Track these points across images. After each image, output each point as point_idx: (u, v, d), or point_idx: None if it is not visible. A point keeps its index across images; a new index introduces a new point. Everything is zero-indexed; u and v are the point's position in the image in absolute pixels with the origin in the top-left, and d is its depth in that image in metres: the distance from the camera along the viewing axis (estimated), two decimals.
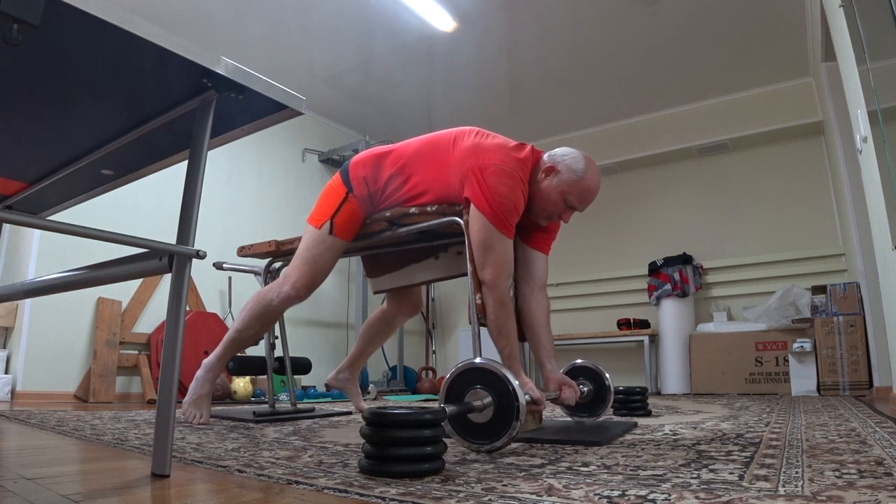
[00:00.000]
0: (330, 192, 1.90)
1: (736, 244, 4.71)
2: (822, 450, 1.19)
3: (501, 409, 1.23)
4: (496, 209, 1.59)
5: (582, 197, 1.68)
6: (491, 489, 0.85)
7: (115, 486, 0.90)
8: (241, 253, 2.34)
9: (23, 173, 1.43)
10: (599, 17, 3.79)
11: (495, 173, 1.61)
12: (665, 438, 1.46)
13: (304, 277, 1.85)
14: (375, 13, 3.74)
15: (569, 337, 4.93)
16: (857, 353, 3.55)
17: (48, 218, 1.61)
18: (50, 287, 1.41)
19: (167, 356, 1.00)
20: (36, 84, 1.00)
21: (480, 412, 1.25)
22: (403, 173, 1.80)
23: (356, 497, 0.81)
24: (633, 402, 2.20)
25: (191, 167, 1.06)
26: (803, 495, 0.77)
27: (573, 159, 1.68)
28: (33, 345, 3.25)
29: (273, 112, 1.13)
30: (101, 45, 0.88)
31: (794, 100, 4.50)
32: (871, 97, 1.99)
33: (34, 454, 1.26)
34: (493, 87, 4.73)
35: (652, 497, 0.77)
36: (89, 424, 1.90)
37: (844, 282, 3.79)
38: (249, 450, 1.32)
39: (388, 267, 2.18)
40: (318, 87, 4.66)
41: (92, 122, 1.16)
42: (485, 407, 1.24)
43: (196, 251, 1.03)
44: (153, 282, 3.79)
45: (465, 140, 1.72)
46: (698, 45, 4.10)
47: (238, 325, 1.94)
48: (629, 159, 5.07)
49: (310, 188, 4.99)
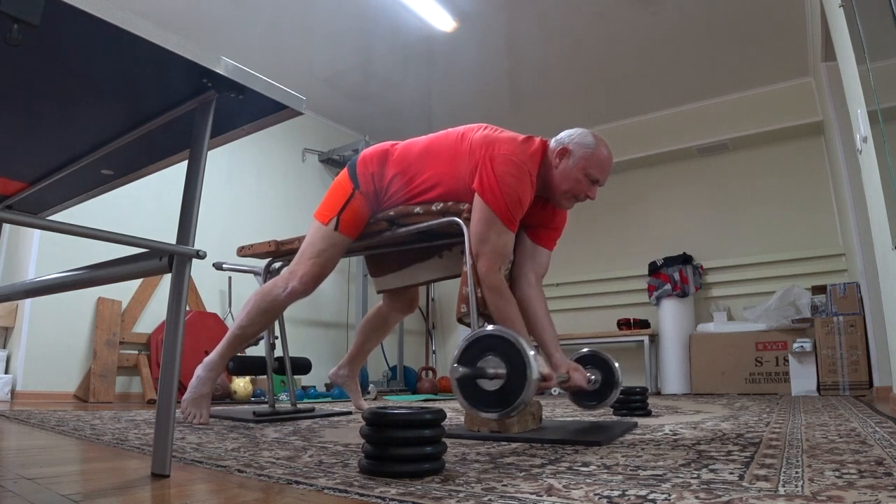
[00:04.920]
0: (337, 187, 1.91)
1: (736, 244, 4.71)
2: (822, 450, 1.19)
3: (513, 378, 1.23)
4: (501, 199, 1.60)
5: (601, 167, 1.72)
6: (491, 489, 0.85)
7: (115, 486, 0.90)
8: (241, 253, 2.34)
9: (23, 173, 1.43)
10: (599, 17, 3.79)
11: (503, 163, 1.63)
12: (665, 438, 1.46)
13: (312, 271, 1.86)
14: (375, 13, 3.75)
15: (569, 337, 4.93)
16: (857, 353, 3.55)
17: (48, 218, 1.61)
18: (50, 287, 1.41)
19: (167, 356, 1.00)
20: (36, 84, 1.00)
21: (491, 380, 1.25)
22: (408, 172, 1.80)
23: (356, 497, 0.81)
24: (633, 402, 2.20)
25: (191, 167, 1.06)
26: (803, 495, 0.77)
27: (581, 135, 1.73)
28: (33, 345, 3.25)
29: (273, 112, 1.13)
30: (101, 45, 0.88)
31: (794, 100, 4.50)
32: (871, 97, 1.99)
33: (34, 454, 1.26)
34: (493, 87, 4.73)
35: (652, 497, 0.77)
36: (89, 424, 1.90)
37: (844, 282, 3.79)
38: (249, 450, 1.32)
39: (391, 266, 2.18)
40: (318, 87, 4.66)
41: (92, 122, 1.16)
42: (497, 375, 1.24)
43: (196, 251, 1.03)
44: (153, 282, 3.79)
45: (474, 133, 1.75)
46: (698, 44, 4.10)
47: (241, 321, 1.94)
48: (629, 159, 5.07)
49: (310, 188, 4.99)
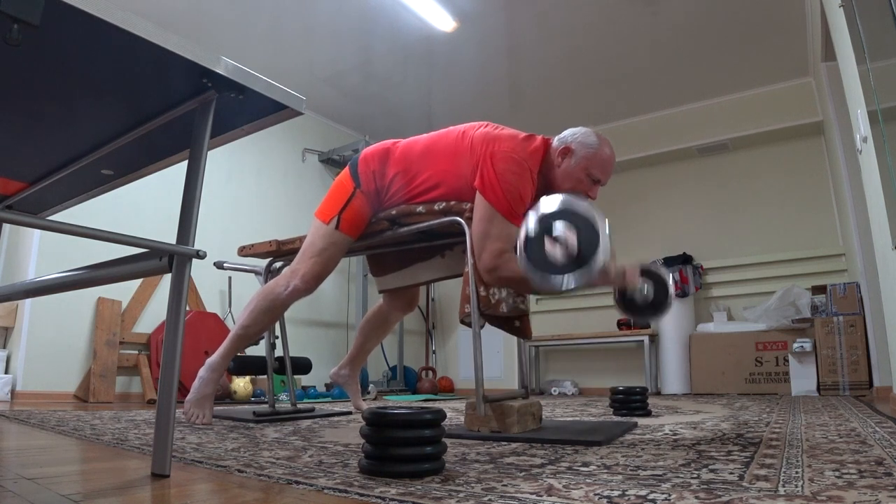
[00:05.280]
0: (338, 186, 1.90)
1: (736, 244, 4.71)
2: (822, 450, 1.19)
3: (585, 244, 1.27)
4: (502, 196, 1.60)
5: (604, 168, 1.72)
6: (491, 489, 0.85)
7: (115, 486, 0.90)
8: (241, 253, 2.34)
9: (23, 173, 1.43)
10: (599, 17, 3.79)
11: (504, 160, 1.63)
12: (665, 438, 1.46)
13: (313, 270, 1.86)
14: (375, 13, 3.74)
15: (568, 337, 4.93)
16: (857, 353, 3.55)
17: (48, 218, 1.61)
18: (50, 287, 1.41)
19: (167, 356, 1.00)
20: (36, 84, 1.00)
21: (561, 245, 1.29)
22: (409, 171, 1.80)
23: (356, 497, 0.81)
24: (633, 402, 2.20)
25: (191, 167, 1.06)
26: (803, 495, 0.77)
27: (584, 135, 1.72)
28: (33, 345, 3.25)
29: (273, 112, 1.13)
30: (101, 45, 0.88)
31: (794, 100, 4.50)
32: (871, 97, 1.99)
33: (34, 454, 1.26)
34: (493, 87, 4.73)
35: (652, 497, 0.77)
36: (89, 424, 1.90)
37: (844, 282, 3.79)
38: (249, 450, 1.32)
39: (393, 266, 2.17)
40: (319, 87, 4.66)
41: (92, 122, 1.16)
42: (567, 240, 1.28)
43: (196, 251, 1.03)
44: (153, 282, 3.79)
45: (475, 131, 1.75)
46: (698, 44, 4.10)
47: (244, 321, 1.94)
48: (629, 159, 5.07)
49: (310, 188, 4.99)
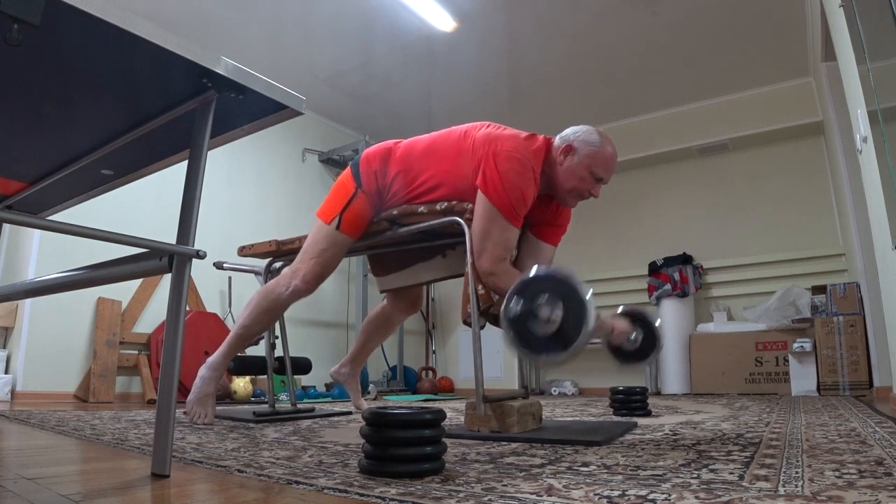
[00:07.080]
0: (340, 187, 1.90)
1: (736, 244, 4.71)
2: (822, 450, 1.19)
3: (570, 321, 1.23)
4: (504, 195, 1.60)
5: (606, 165, 1.71)
6: (491, 489, 0.85)
7: (115, 486, 0.90)
8: (241, 253, 2.34)
9: (23, 173, 1.43)
10: (599, 18, 3.79)
11: (507, 159, 1.63)
12: (665, 438, 1.46)
13: (314, 270, 1.86)
14: (376, 13, 3.74)
15: None
16: (857, 353, 3.54)
17: (48, 218, 1.61)
18: (50, 287, 1.41)
19: (167, 356, 1.00)
20: (36, 84, 1.00)
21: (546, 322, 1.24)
22: (411, 171, 1.80)
23: (356, 497, 0.81)
24: (633, 402, 2.20)
25: (191, 167, 1.06)
26: (803, 495, 0.77)
27: (586, 133, 1.72)
28: (33, 345, 3.25)
29: (273, 112, 1.13)
30: (101, 45, 0.88)
31: (794, 100, 4.50)
32: (871, 97, 1.99)
33: (34, 454, 1.26)
34: (493, 87, 4.73)
35: (652, 497, 0.77)
36: (89, 424, 1.90)
37: (844, 282, 3.79)
38: (249, 450, 1.32)
39: (394, 266, 2.17)
40: (319, 87, 4.66)
41: (92, 122, 1.16)
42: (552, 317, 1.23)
43: (196, 251, 1.03)
44: (153, 282, 3.78)
45: (477, 131, 1.75)
46: (698, 44, 4.10)
47: (244, 321, 1.94)
48: (629, 159, 5.06)
49: (310, 188, 4.99)
